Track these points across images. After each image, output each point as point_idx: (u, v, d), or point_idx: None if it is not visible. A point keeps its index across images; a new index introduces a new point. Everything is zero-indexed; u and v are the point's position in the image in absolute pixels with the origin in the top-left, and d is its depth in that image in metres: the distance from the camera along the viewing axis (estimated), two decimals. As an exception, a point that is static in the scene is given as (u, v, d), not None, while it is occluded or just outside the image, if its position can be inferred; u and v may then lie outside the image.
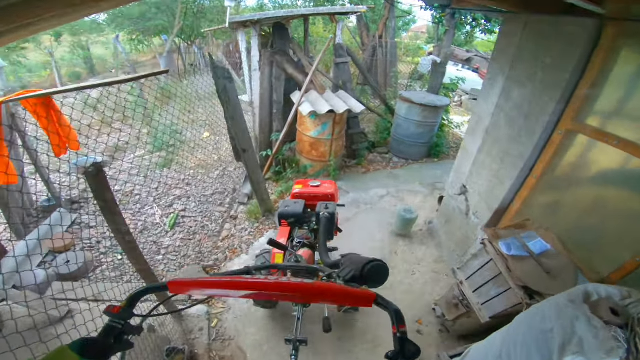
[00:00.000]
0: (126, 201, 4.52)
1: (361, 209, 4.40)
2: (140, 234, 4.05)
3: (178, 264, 3.68)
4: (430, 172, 5.51)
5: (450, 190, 3.39)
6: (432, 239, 3.82)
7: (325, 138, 4.63)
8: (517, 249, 2.23)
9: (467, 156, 3.08)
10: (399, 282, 3.29)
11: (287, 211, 2.15)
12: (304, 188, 2.52)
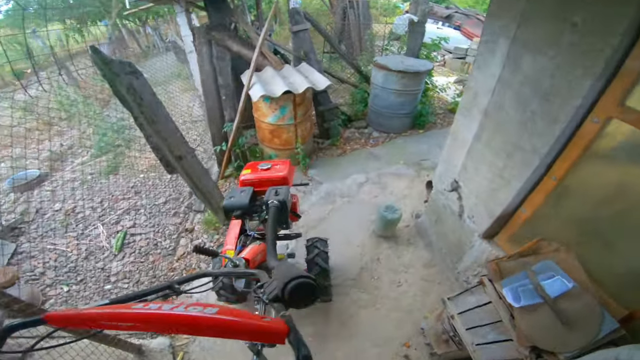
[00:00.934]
0: (67, 222, 3.79)
1: (337, 205, 3.68)
2: (85, 260, 3.38)
3: (131, 292, 3.06)
4: (415, 147, 4.69)
5: (439, 184, 2.65)
6: (421, 237, 3.15)
7: (286, 124, 3.78)
8: (528, 297, 1.58)
9: (460, 144, 2.30)
10: (383, 297, 2.69)
11: (231, 203, 1.78)
12: (252, 173, 2.07)
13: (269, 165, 2.11)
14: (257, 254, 1.65)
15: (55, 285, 3.14)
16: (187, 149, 2.92)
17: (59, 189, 4.24)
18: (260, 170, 2.07)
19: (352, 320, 2.56)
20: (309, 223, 3.44)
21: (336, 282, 2.81)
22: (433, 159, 4.33)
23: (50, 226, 3.73)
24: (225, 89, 3.75)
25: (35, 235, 3.67)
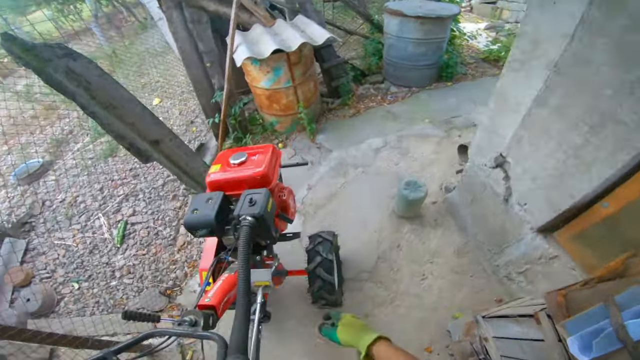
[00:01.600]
0: (71, 213, 3.64)
1: (349, 177, 3.09)
2: (90, 255, 3.25)
3: (136, 288, 2.90)
4: (443, 102, 3.80)
5: (477, 156, 1.95)
6: (452, 217, 2.53)
7: (283, 87, 3.11)
8: (603, 346, 1.00)
9: (510, 108, 1.56)
10: (403, 293, 2.22)
11: (192, 220, 1.22)
12: (222, 170, 1.48)
13: (244, 156, 1.51)
14: (232, 290, 1.17)
15: (66, 282, 3.03)
16: (163, 130, 2.43)
17: (62, 177, 4.07)
18: (232, 166, 1.49)
19: (367, 321, 2.14)
20: (316, 201, 2.94)
21: (349, 276, 2.37)
22: (465, 116, 3.51)
23: (55, 219, 3.61)
24: (208, 56, 3.08)
25: (44, 229, 3.58)
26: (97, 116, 1.99)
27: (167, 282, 2.90)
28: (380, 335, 0.88)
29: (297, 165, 2.07)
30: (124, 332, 2.54)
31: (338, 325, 0.99)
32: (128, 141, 2.20)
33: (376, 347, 0.85)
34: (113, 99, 2.02)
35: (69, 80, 1.83)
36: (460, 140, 3.17)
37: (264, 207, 1.15)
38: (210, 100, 3.28)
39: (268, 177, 1.44)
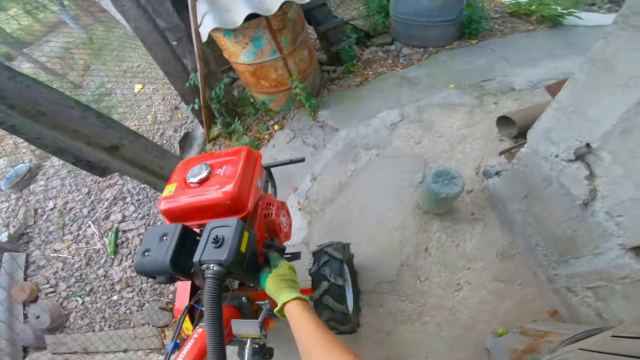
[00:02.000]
0: (62, 222, 3.36)
1: (361, 161, 2.55)
2: (87, 267, 3.00)
3: (137, 302, 2.68)
4: (469, 63, 3.06)
5: (543, 143, 1.34)
6: (493, 209, 1.99)
7: (269, 59, 2.51)
8: None
9: (617, 82, 0.96)
10: (433, 307, 1.82)
11: (144, 265, 0.92)
12: (178, 192, 1.10)
13: (204, 171, 1.08)
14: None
15: (70, 297, 2.84)
16: (121, 132, 1.97)
17: (50, 181, 3.77)
18: (189, 186, 1.08)
19: (389, 340, 1.80)
20: (323, 195, 2.47)
21: (366, 287, 1.97)
22: (500, 79, 2.81)
23: (48, 229, 3.36)
24: (173, 33, 2.46)
25: (39, 241, 3.36)
26: (19, 130, 1.53)
27: (167, 295, 2.65)
28: (300, 297, 0.85)
29: (290, 162, 1.59)
30: (135, 348, 2.41)
31: (272, 272, 0.94)
32: (72, 154, 1.75)
33: (288, 305, 0.83)
34: (39, 104, 1.54)
35: None
36: (498, 109, 2.52)
37: (234, 247, 0.84)
38: (185, 84, 2.72)
39: (241, 199, 1.05)
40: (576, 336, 1.16)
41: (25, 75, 1.54)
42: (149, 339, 2.35)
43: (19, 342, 2.63)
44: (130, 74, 4.38)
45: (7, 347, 2.58)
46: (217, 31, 2.30)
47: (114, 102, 4.03)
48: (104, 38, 4.83)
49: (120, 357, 2.35)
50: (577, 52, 2.93)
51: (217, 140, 3.23)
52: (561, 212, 1.36)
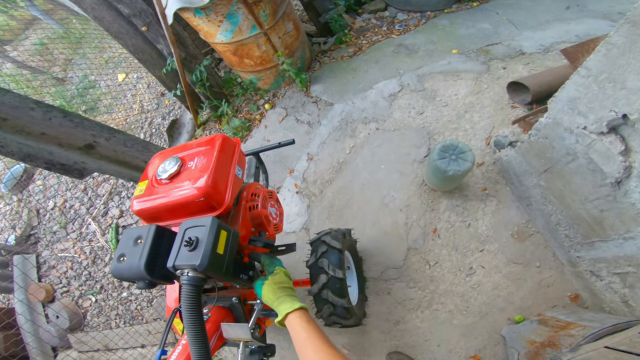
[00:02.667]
0: (64, 221, 3.31)
1: (360, 137, 2.34)
2: (94, 265, 2.98)
3: (146, 298, 2.68)
4: (472, 27, 2.74)
5: (567, 113, 1.11)
6: (507, 183, 1.80)
7: (248, 36, 2.24)
8: None
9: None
10: (443, 294, 1.71)
11: (120, 271, 0.85)
12: (148, 190, 1.00)
13: (174, 165, 0.97)
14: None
15: (84, 296, 2.85)
16: (93, 129, 1.78)
17: (47, 181, 3.69)
18: (159, 183, 0.98)
19: (399, 329, 1.71)
20: (321, 175, 2.31)
21: (372, 275, 1.85)
22: (508, 43, 2.51)
23: (52, 229, 3.33)
24: (140, 18, 2.20)
25: (46, 241, 3.35)
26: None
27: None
28: (301, 307, 0.81)
29: (279, 146, 1.41)
30: (151, 343, 2.44)
31: (267, 279, 0.89)
32: (43, 159, 1.59)
33: (290, 317, 0.79)
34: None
35: None
36: (507, 74, 2.24)
37: (209, 249, 0.76)
38: (163, 71, 2.49)
39: (217, 194, 0.94)
40: (601, 331, 1.02)
41: None
42: (162, 334, 2.37)
43: (46, 342, 2.69)
44: (112, 64, 4.12)
45: (37, 348, 2.66)
46: (186, 11, 2.03)
47: (98, 94, 3.82)
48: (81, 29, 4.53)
49: (140, 353, 2.39)
50: (589, 15, 2.63)
51: (206, 124, 3.03)
52: (587, 190, 1.17)
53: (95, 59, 4.16)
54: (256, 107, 2.87)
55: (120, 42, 2.37)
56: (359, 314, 1.57)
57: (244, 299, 1.09)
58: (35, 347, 2.64)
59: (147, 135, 3.36)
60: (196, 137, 3.01)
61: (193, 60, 2.59)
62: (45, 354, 2.68)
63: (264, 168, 1.51)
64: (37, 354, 2.64)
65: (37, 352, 2.64)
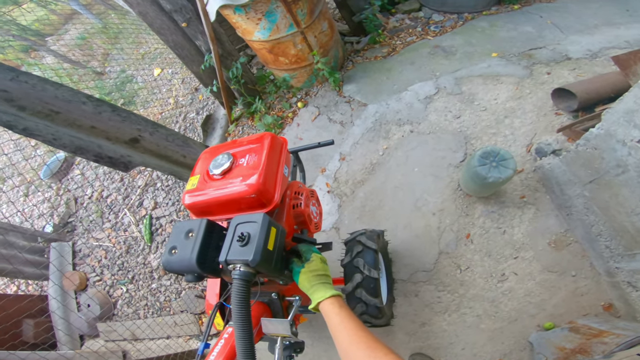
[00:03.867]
0: (101, 210, 3.60)
1: (393, 139, 2.42)
2: (127, 255, 3.23)
3: (175, 290, 2.87)
4: (513, 30, 2.75)
5: (623, 126, 1.15)
6: (547, 192, 1.83)
7: (285, 34, 2.36)
8: None
9: None
10: (472, 298, 1.77)
11: (171, 264, 0.90)
12: (201, 184, 1.07)
13: (227, 162, 1.05)
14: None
15: (115, 285, 3.08)
16: (139, 123, 1.95)
17: (85, 170, 4.01)
18: (212, 178, 1.06)
19: (424, 331, 1.79)
20: (353, 176, 2.40)
21: (401, 276, 1.94)
22: (553, 47, 2.52)
23: (89, 217, 3.62)
24: (180, 14, 2.37)
25: (82, 230, 3.63)
26: (34, 132, 1.54)
27: (202, 282, 2.80)
28: (335, 294, 0.86)
29: (318, 146, 1.49)
30: (176, 334, 2.60)
31: (304, 266, 0.93)
32: (93, 152, 1.77)
33: (324, 303, 0.84)
34: (49, 103, 1.53)
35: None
36: (552, 79, 2.26)
37: (261, 245, 0.81)
38: (201, 67, 2.67)
39: (267, 191, 1.01)
40: (635, 339, 1.07)
41: (29, 74, 1.54)
42: (188, 326, 2.50)
43: (75, 331, 2.86)
44: (148, 59, 4.41)
45: (65, 336, 2.81)
46: (226, 8, 2.18)
47: (135, 88, 4.10)
48: (119, 24, 4.86)
49: (164, 344, 2.53)
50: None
51: (239, 120, 3.21)
52: (634, 203, 1.21)
53: (132, 54, 4.46)
54: (289, 105, 3.01)
55: (162, 38, 2.56)
56: (388, 314, 1.66)
57: (282, 294, 1.17)
58: (65, 335, 2.81)
59: (182, 130, 3.58)
60: (229, 133, 3.18)
61: (229, 57, 2.75)
62: (73, 341, 2.85)
63: (301, 167, 1.59)
64: (65, 342, 2.81)
65: (66, 340, 2.81)
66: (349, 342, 0.74)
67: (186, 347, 2.47)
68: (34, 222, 3.88)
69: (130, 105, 4.07)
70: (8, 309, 2.57)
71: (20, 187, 4.37)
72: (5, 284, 3.68)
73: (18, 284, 3.63)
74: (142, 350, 2.49)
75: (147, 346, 2.54)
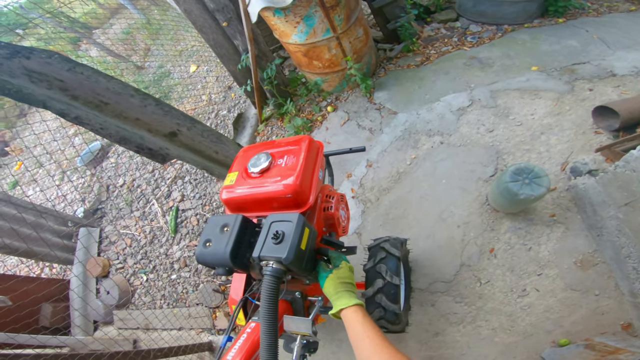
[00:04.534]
0: (130, 199, 3.85)
1: (422, 149, 2.47)
2: (151, 245, 3.44)
3: (193, 282, 3.01)
4: (556, 43, 2.74)
5: None
6: (579, 212, 1.82)
7: (322, 39, 2.49)
8: None
9: None
10: (490, 312, 1.79)
11: (204, 256, 0.96)
12: (239, 181, 1.16)
13: (266, 161, 1.13)
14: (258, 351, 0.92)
15: (136, 274, 3.25)
16: (178, 118, 2.11)
17: (119, 159, 4.31)
18: (250, 176, 1.14)
19: (436, 341, 1.83)
20: (379, 183, 2.47)
21: (419, 285, 1.98)
22: (598, 63, 2.49)
23: (119, 205, 3.89)
24: (222, 13, 2.56)
25: (111, 217, 3.88)
26: (84, 121, 1.71)
27: (220, 276, 2.92)
28: (358, 303, 0.89)
29: (350, 151, 1.58)
30: (189, 327, 2.70)
31: (332, 272, 0.96)
32: (135, 143, 1.94)
33: (347, 311, 0.87)
34: (100, 94, 1.70)
35: (34, 83, 1.50)
36: (594, 96, 2.24)
37: (295, 244, 0.85)
38: (238, 67, 2.86)
39: (303, 192, 1.07)
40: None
41: (85, 65, 1.69)
42: (201, 319, 2.59)
43: (91, 316, 2.98)
44: (185, 55, 4.71)
45: (80, 320, 2.92)
46: (267, 10, 2.33)
47: (172, 84, 4.39)
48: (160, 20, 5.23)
49: (175, 335, 2.62)
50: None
51: (269, 121, 3.37)
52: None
53: (170, 50, 4.78)
54: (318, 109, 3.13)
55: (203, 36, 2.76)
56: (404, 321, 1.71)
57: (305, 294, 1.21)
58: (80, 320, 2.92)
59: (213, 126, 3.79)
60: (258, 132, 3.35)
61: (264, 57, 2.90)
62: (87, 327, 2.96)
63: (330, 170, 1.67)
64: (80, 327, 2.91)
65: (81, 325, 2.91)
66: (372, 351, 0.76)
67: (197, 339, 2.55)
68: (66, 206, 4.21)
69: (166, 100, 4.36)
70: (29, 291, 2.66)
71: (56, 172, 4.76)
72: (30, 266, 3.95)
73: (42, 267, 3.89)
74: (154, 339, 2.60)
75: (160, 336, 2.63)
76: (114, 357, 1.86)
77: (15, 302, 2.44)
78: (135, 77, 4.65)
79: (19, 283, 2.67)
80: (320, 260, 1.03)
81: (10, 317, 2.25)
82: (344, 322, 0.88)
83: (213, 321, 2.62)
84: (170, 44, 4.97)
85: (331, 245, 1.13)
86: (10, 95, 1.44)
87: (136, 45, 5.34)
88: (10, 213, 2.99)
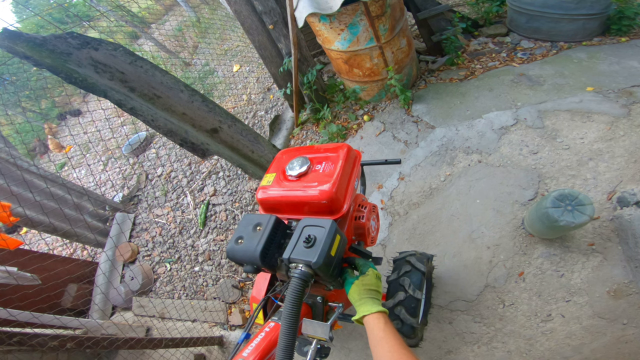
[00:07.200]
0: (166, 189, 4.26)
1: (458, 166, 2.55)
2: (179, 235, 3.77)
3: (214, 276, 3.26)
4: (616, 63, 2.71)
5: None
6: (620, 243, 1.82)
7: (364, 47, 2.68)
8: None
9: None
10: (509, 334, 1.84)
11: (235, 252, 1.04)
12: (276, 183, 1.25)
13: (304, 165, 1.22)
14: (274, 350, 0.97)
15: (161, 262, 3.53)
16: (221, 115, 2.38)
17: (160, 150, 4.77)
18: (287, 179, 1.23)
19: (447, 358, 1.92)
20: (409, 197, 2.58)
21: (439, 302, 2.06)
22: None
23: (154, 194, 4.30)
24: (269, 16, 2.84)
25: (146, 205, 4.28)
26: (138, 112, 1.99)
27: (240, 273, 3.14)
28: (382, 310, 0.94)
29: (385, 163, 1.65)
30: (202, 319, 2.88)
31: (358, 278, 1.02)
32: (180, 136, 2.20)
33: (370, 318, 0.93)
34: (154, 87, 1.98)
35: (98, 74, 1.78)
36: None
37: (325, 250, 0.91)
38: (279, 69, 3.15)
39: (338, 200, 1.14)
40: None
41: (144, 59, 1.96)
42: (216, 313, 2.75)
43: (113, 300, 3.20)
44: (229, 55, 5.17)
45: (101, 302, 3.12)
46: (313, 16, 2.56)
47: (216, 82, 4.84)
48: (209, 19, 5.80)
49: (188, 326, 2.78)
50: None
51: (305, 125, 3.60)
52: None
53: (216, 48, 5.27)
54: (354, 117, 3.32)
55: (249, 37, 3.06)
56: (419, 335, 1.80)
57: (326, 299, 1.27)
58: (101, 303, 3.13)
59: (250, 125, 4.12)
60: (293, 135, 3.60)
61: (305, 62, 3.15)
62: (104, 309, 3.17)
63: (363, 180, 1.74)
64: (96, 310, 3.11)
65: (100, 308, 3.12)
66: (390, 358, 0.81)
67: (209, 332, 2.72)
68: (106, 191, 4.72)
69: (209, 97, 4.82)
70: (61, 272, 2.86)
71: (102, 157, 5.36)
72: (62, 246, 4.39)
73: (74, 248, 4.32)
74: (168, 329, 2.78)
75: (175, 326, 2.81)
76: (128, 342, 2.03)
77: (46, 282, 2.54)
78: (183, 73, 5.15)
79: (55, 263, 2.90)
80: (346, 267, 1.08)
81: (39, 297, 2.33)
82: (365, 328, 0.92)
83: (227, 316, 2.80)
84: (217, 42, 5.46)
85: (359, 254, 1.21)
86: (76, 83, 1.73)
87: (185, 42, 5.93)
88: (58, 194, 3.35)
